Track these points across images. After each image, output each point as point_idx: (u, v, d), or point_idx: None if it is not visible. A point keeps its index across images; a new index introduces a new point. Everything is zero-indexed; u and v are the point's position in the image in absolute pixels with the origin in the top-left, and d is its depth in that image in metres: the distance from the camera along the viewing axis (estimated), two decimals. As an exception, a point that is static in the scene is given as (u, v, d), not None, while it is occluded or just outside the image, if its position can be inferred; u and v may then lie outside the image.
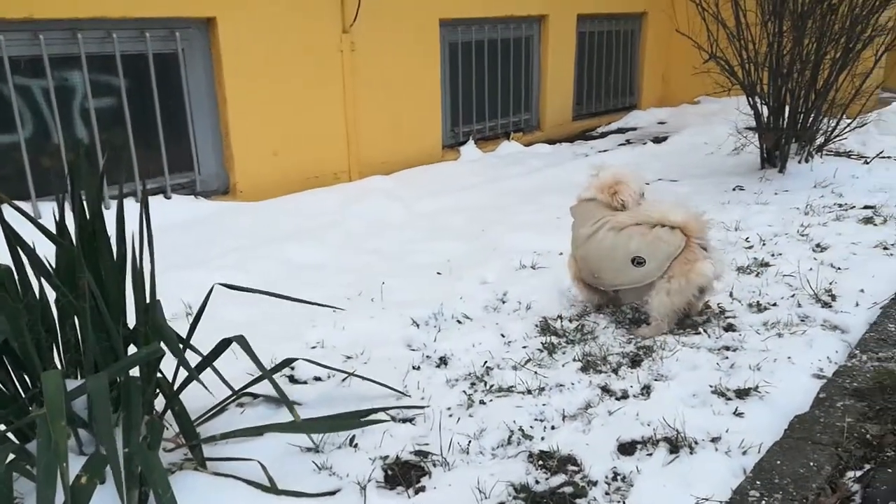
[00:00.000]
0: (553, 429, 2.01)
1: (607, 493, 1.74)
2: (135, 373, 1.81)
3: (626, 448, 1.91)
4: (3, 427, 1.74)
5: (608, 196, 2.68)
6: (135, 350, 1.88)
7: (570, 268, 2.81)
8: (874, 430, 1.92)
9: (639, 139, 6.68)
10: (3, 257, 1.78)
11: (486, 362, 2.40)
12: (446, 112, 5.91)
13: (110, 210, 3.59)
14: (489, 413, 2.09)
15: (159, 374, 1.90)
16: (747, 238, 3.58)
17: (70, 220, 1.80)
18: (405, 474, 1.83)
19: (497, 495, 1.73)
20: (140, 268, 1.87)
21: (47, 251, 1.81)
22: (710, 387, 2.18)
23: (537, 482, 1.78)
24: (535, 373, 2.32)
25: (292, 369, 2.34)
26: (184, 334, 1.92)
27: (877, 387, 2.13)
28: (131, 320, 1.91)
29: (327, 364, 2.29)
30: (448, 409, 2.12)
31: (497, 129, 6.42)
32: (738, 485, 1.72)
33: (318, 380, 2.32)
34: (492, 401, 2.16)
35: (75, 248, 1.74)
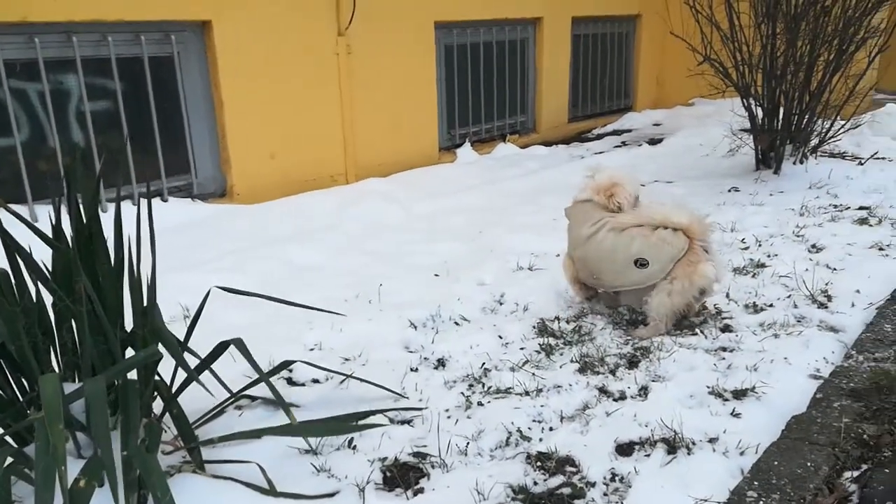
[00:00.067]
0: (551, 430, 2.01)
1: (605, 495, 1.74)
2: (133, 376, 1.81)
3: (624, 449, 1.91)
4: (1, 430, 1.74)
5: (604, 198, 2.67)
6: (132, 353, 1.88)
7: (567, 269, 2.80)
8: (871, 430, 1.92)
9: (634, 141, 6.70)
10: (0, 261, 1.78)
11: (483, 364, 2.40)
12: (442, 114, 5.92)
13: (107, 213, 3.58)
14: (487, 414, 2.09)
15: (157, 377, 1.90)
16: (743, 239, 3.60)
17: (67, 224, 1.79)
18: (404, 476, 1.83)
19: (495, 497, 1.73)
20: (137, 271, 1.87)
21: (44, 255, 1.80)
22: (708, 387, 2.19)
23: (535, 483, 1.78)
24: (533, 374, 2.32)
25: (290, 371, 2.34)
26: (182, 337, 1.92)
27: (873, 387, 2.14)
28: (129, 323, 1.91)
29: (325, 366, 2.28)
30: (446, 410, 2.12)
31: (493, 131, 6.43)
32: (735, 485, 1.73)
33: (316, 382, 2.32)
34: (490, 402, 2.16)
35: (72, 252, 1.73)
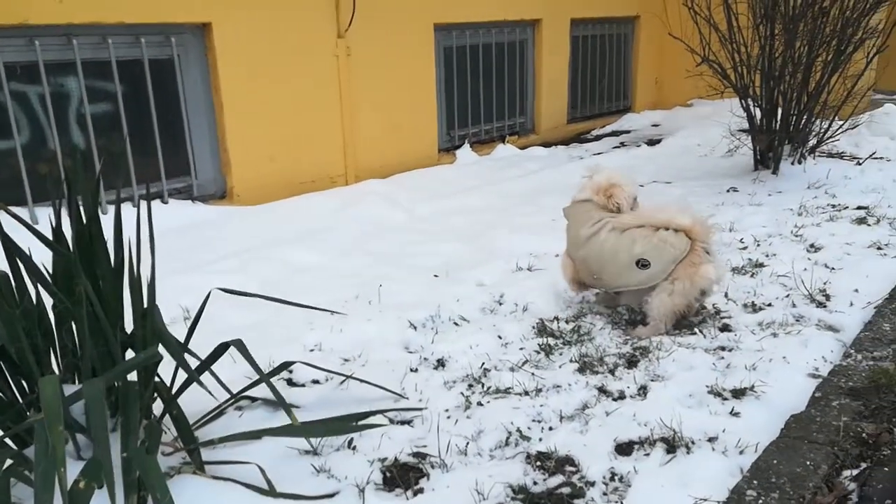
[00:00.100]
0: (551, 430, 2.02)
1: (605, 494, 1.75)
2: (133, 377, 1.81)
3: (624, 448, 1.92)
4: (0, 432, 1.74)
5: (603, 198, 2.68)
6: (133, 355, 1.88)
7: (566, 269, 2.80)
8: (870, 428, 1.93)
9: (633, 142, 6.70)
10: (0, 263, 1.79)
11: (483, 364, 2.40)
12: (442, 116, 5.92)
13: (107, 215, 3.59)
14: (487, 414, 2.09)
15: (157, 379, 1.90)
16: (742, 239, 3.60)
17: (67, 226, 1.80)
18: (403, 476, 1.83)
19: (495, 496, 1.74)
20: (138, 272, 1.88)
21: (44, 257, 1.81)
22: (707, 387, 2.19)
23: (535, 483, 1.79)
24: (533, 374, 2.32)
25: (290, 372, 2.35)
26: (182, 339, 1.92)
27: (872, 386, 2.14)
28: (129, 325, 1.91)
29: (325, 367, 2.29)
30: (446, 410, 2.12)
31: (492, 132, 6.44)
32: (735, 484, 1.73)
33: (316, 383, 2.32)
34: (489, 402, 2.16)
35: (72, 254, 1.74)
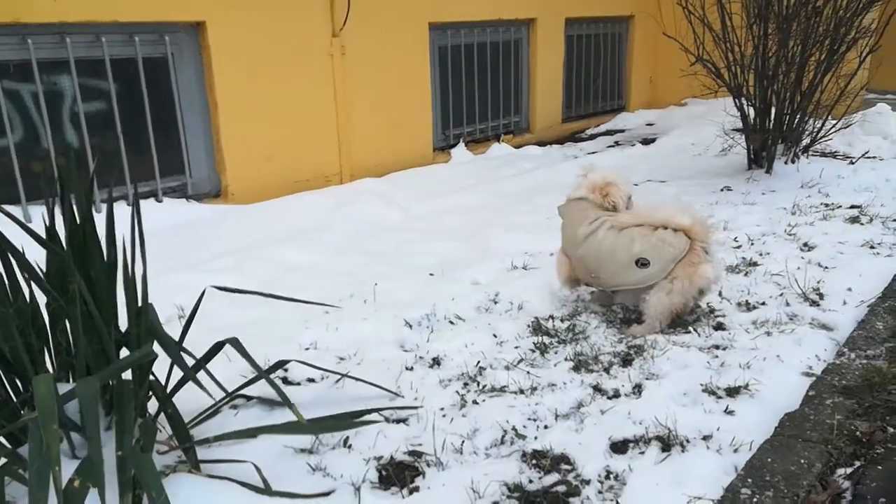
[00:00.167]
0: (546, 428, 2.02)
1: (600, 492, 1.75)
2: (127, 376, 1.80)
3: (619, 447, 1.92)
4: (-6, 432, 1.73)
5: (599, 196, 2.68)
6: (127, 353, 1.88)
7: (561, 267, 2.79)
8: (864, 427, 1.93)
9: (627, 141, 6.72)
10: (-6, 261, 1.78)
11: (478, 362, 2.40)
12: (437, 115, 5.92)
13: (101, 213, 3.58)
14: (482, 413, 2.09)
15: (152, 377, 1.89)
16: (735, 238, 3.62)
17: (60, 225, 1.79)
18: (399, 474, 1.83)
19: (491, 495, 1.74)
20: (132, 271, 1.87)
21: (37, 255, 1.80)
22: (701, 385, 2.20)
23: (531, 481, 1.79)
24: (528, 372, 2.32)
25: (286, 371, 2.34)
26: (177, 337, 1.92)
27: (865, 384, 2.15)
28: (123, 323, 1.90)
29: (321, 365, 2.29)
30: (441, 409, 2.12)
31: (487, 131, 6.44)
32: (729, 483, 1.73)
33: (311, 381, 2.31)
34: (485, 401, 2.17)
35: (66, 253, 1.73)
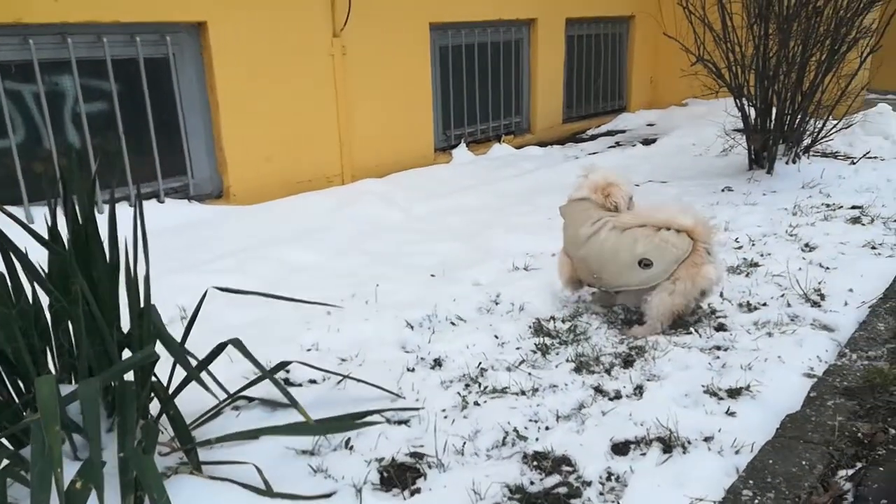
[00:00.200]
0: (547, 429, 2.02)
1: (601, 494, 1.75)
2: (130, 377, 1.81)
3: (620, 448, 1.92)
4: (-4, 433, 1.74)
5: (601, 197, 2.68)
6: (129, 354, 1.88)
7: (563, 267, 2.78)
8: (865, 428, 1.93)
9: (628, 141, 6.72)
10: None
11: (480, 364, 2.40)
12: (438, 115, 5.92)
13: (103, 214, 3.58)
14: (483, 414, 2.09)
15: (154, 379, 1.90)
16: (737, 238, 3.61)
17: (63, 225, 1.79)
18: (400, 476, 1.83)
19: (492, 496, 1.74)
20: (134, 272, 1.87)
21: (40, 256, 1.80)
22: (703, 386, 2.20)
23: (532, 483, 1.79)
24: (529, 374, 2.32)
25: (287, 372, 2.34)
26: (179, 338, 1.92)
27: (867, 385, 2.15)
28: (126, 324, 1.90)
29: (322, 367, 2.29)
30: (443, 410, 2.13)
31: (488, 132, 6.44)
32: (731, 484, 1.73)
33: (313, 382, 2.32)
34: (486, 402, 2.17)
35: (68, 254, 1.73)
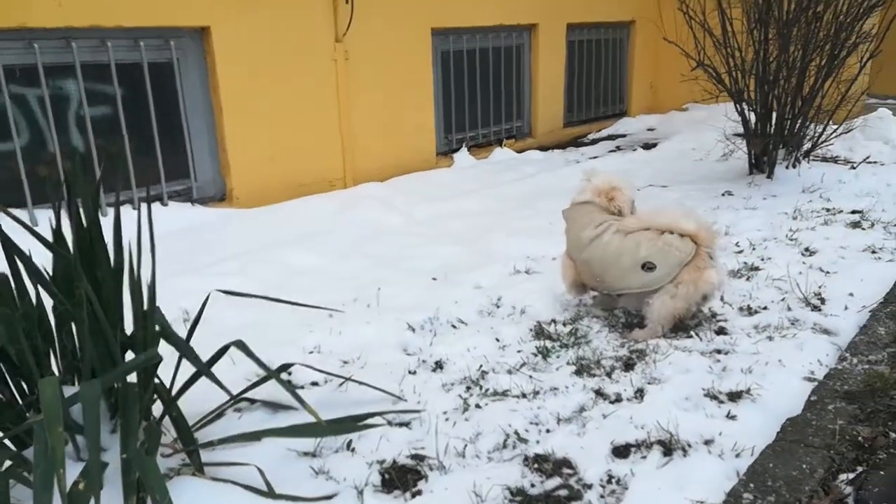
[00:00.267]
0: (548, 432, 2.02)
1: (602, 496, 1.76)
2: (133, 379, 1.82)
3: (621, 451, 1.93)
4: (0, 434, 1.74)
5: (605, 200, 2.69)
6: (133, 356, 1.89)
7: (566, 270, 2.78)
8: (866, 432, 1.94)
9: (629, 145, 6.73)
10: (1, 265, 1.79)
11: (481, 366, 2.41)
12: (439, 119, 5.94)
13: (107, 217, 3.59)
14: (485, 417, 2.10)
15: (157, 380, 1.90)
16: (737, 243, 3.62)
17: (67, 228, 1.80)
18: (402, 478, 1.84)
19: (493, 499, 1.74)
20: (138, 274, 1.88)
21: (43, 259, 1.81)
22: (703, 390, 2.20)
23: (533, 485, 1.80)
24: (530, 377, 2.33)
25: (289, 374, 2.35)
26: (182, 340, 1.93)
27: (867, 389, 2.15)
28: (130, 327, 1.91)
29: (324, 369, 2.30)
30: (444, 413, 2.13)
31: (490, 136, 6.46)
32: (731, 487, 1.74)
33: (315, 385, 2.32)
34: (487, 405, 2.17)
35: (73, 257, 1.74)
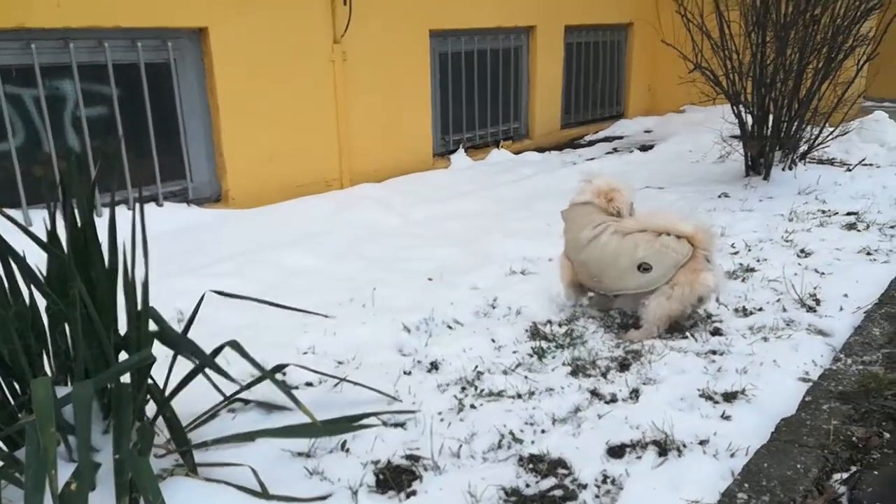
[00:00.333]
0: (543, 432, 2.02)
1: (597, 497, 1.75)
2: (126, 379, 1.81)
3: (616, 451, 1.93)
4: (-8, 434, 1.74)
5: (604, 201, 2.69)
6: (126, 357, 1.88)
7: (565, 270, 2.79)
8: (860, 432, 1.94)
9: (626, 147, 6.73)
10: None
11: (476, 367, 2.41)
12: (437, 121, 5.94)
13: (102, 218, 3.58)
14: (480, 417, 2.10)
15: (150, 381, 1.90)
16: (733, 244, 3.63)
17: (62, 229, 1.80)
18: (396, 479, 1.83)
19: (488, 499, 1.74)
20: (132, 275, 1.88)
21: (38, 259, 1.81)
22: (698, 390, 2.20)
23: (528, 486, 1.79)
24: (525, 377, 2.33)
25: (284, 375, 2.34)
26: (175, 341, 1.92)
27: (862, 390, 2.16)
28: (123, 327, 1.91)
29: (319, 370, 2.29)
30: (439, 413, 2.13)
31: (487, 137, 6.46)
32: (726, 487, 1.74)
33: (309, 385, 2.32)
34: (482, 405, 2.17)
35: (67, 257, 1.74)
